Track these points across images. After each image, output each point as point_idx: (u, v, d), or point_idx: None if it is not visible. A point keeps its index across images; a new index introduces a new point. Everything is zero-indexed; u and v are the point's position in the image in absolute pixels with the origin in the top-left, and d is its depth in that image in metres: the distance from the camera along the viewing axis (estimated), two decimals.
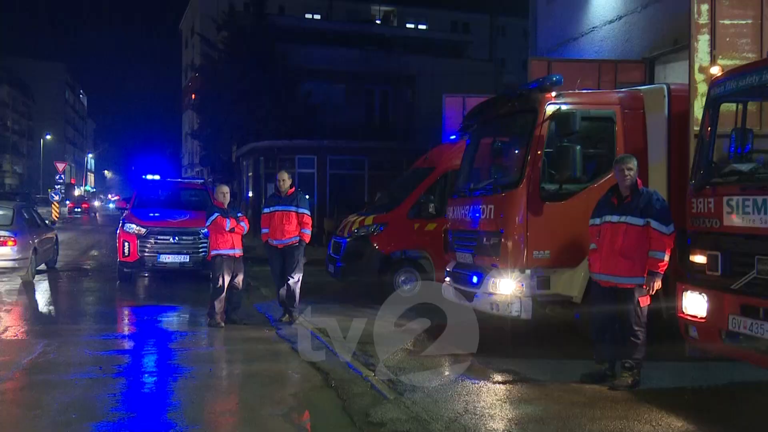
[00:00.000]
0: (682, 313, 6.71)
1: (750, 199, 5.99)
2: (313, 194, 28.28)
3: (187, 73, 65.42)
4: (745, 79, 6.48)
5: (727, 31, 7.76)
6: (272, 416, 6.35)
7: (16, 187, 69.37)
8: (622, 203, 7.06)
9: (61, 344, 9.20)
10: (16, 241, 14.73)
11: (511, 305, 8.32)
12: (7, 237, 14.62)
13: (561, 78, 8.49)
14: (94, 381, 7.46)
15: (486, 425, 5.94)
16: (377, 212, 13.43)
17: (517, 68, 47.96)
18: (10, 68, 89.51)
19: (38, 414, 6.25)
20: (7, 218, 15.34)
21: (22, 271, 15.00)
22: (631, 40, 14.85)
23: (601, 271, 7.15)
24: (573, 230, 8.17)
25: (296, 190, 10.93)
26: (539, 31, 19.18)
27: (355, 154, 29.92)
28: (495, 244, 8.58)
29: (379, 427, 5.89)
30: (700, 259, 6.57)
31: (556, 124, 8.32)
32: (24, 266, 14.95)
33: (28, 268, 15.10)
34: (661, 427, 5.90)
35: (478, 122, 10.13)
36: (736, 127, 6.82)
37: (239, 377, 8.13)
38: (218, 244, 10.36)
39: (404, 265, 12.79)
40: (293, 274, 10.56)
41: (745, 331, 5.94)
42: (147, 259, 14.80)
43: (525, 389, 7.07)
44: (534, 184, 8.35)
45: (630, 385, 6.96)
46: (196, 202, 16.51)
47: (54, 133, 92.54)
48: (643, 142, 8.58)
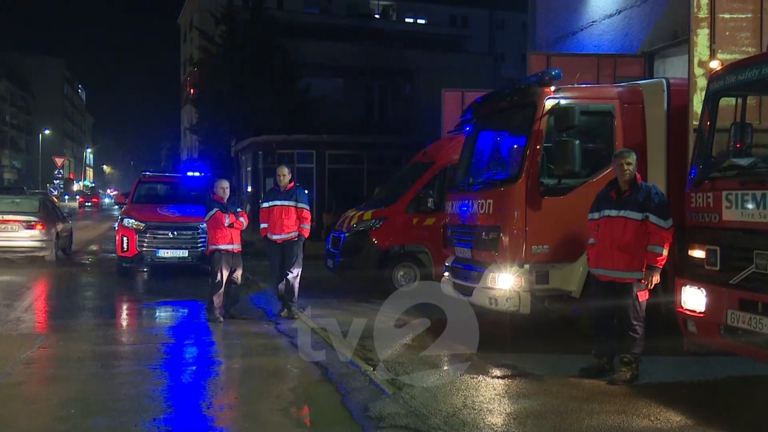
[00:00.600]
0: (681, 308, 6.70)
1: (749, 193, 5.98)
2: (312, 189, 28.24)
3: (186, 68, 65.27)
4: (744, 73, 6.46)
5: (726, 24, 7.73)
6: (271, 410, 6.35)
7: (14, 182, 69.36)
8: (621, 198, 7.05)
9: (59, 339, 9.21)
10: (43, 226, 17.36)
11: (510, 300, 8.32)
12: (36, 221, 17.30)
13: (560, 72, 8.48)
14: (93, 376, 7.46)
15: (484, 420, 5.94)
16: (376, 207, 13.43)
17: (517, 62, 47.99)
18: (9, 63, 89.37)
19: (37, 408, 6.25)
20: (35, 207, 18.05)
21: (47, 251, 17.48)
22: (630, 35, 14.82)
23: (599, 266, 7.15)
24: (572, 225, 8.17)
25: (295, 185, 10.91)
26: (538, 25, 19.14)
27: (354, 148, 29.87)
28: (494, 238, 8.58)
29: (378, 422, 5.88)
30: (699, 254, 6.56)
31: (555, 118, 8.31)
32: (49, 247, 17.52)
33: (52, 249, 17.63)
34: (659, 421, 5.91)
35: (477, 117, 10.12)
36: (736, 121, 6.80)
37: (238, 372, 8.13)
38: (217, 239, 10.36)
39: (403, 259, 12.80)
40: (292, 268, 10.54)
41: (744, 325, 5.93)
42: (146, 253, 14.82)
43: (523, 384, 7.07)
44: (533, 179, 8.34)
45: (628, 379, 6.96)
46: (195, 196, 16.50)
47: (52, 127, 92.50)
48: (642, 137, 8.57)
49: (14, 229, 17.07)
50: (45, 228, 17.38)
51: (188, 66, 59.19)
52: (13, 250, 17.23)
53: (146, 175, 19.81)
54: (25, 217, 17.28)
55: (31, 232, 17.18)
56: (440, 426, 5.75)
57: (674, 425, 5.83)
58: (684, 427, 5.78)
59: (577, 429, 5.74)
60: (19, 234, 17.11)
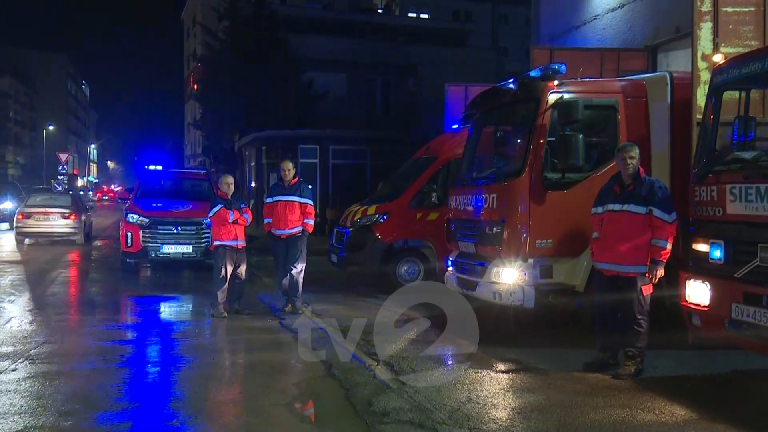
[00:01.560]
0: (685, 302, 6.70)
1: (753, 187, 5.97)
2: (316, 184, 28.25)
3: (189, 63, 65.38)
4: (747, 66, 6.45)
5: (729, 18, 7.71)
6: (275, 405, 6.36)
7: (18, 179, 69.48)
8: (625, 191, 7.04)
9: (64, 334, 9.23)
10: (75, 216, 22.89)
11: (514, 294, 8.32)
12: (71, 212, 22.89)
13: (563, 66, 8.46)
14: (97, 371, 7.49)
15: (489, 414, 5.95)
16: (380, 202, 13.42)
17: (520, 57, 47.82)
18: (12, 59, 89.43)
19: (42, 404, 6.27)
20: (68, 202, 23.73)
21: (78, 236, 22.88)
22: (634, 28, 14.80)
23: (603, 260, 7.14)
24: (575, 219, 8.15)
25: (299, 180, 10.90)
26: (542, 19, 19.12)
27: (357, 143, 29.85)
28: (497, 233, 8.58)
29: (382, 417, 5.89)
30: (703, 248, 6.55)
31: (559, 112, 8.29)
32: (79, 233, 22.96)
33: (81, 234, 23.04)
34: (664, 415, 5.91)
35: (481, 111, 10.11)
36: (739, 114, 6.79)
37: (242, 367, 8.15)
38: (221, 235, 10.36)
39: (407, 254, 12.80)
40: (296, 264, 10.55)
41: (748, 319, 5.93)
42: (150, 249, 14.81)
43: (528, 378, 7.08)
44: (536, 173, 8.33)
45: (633, 373, 6.96)
46: (198, 192, 16.52)
47: (56, 123, 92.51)
48: (645, 131, 8.55)
49: (54, 219, 22.56)
50: (76, 218, 22.89)
51: (192, 61, 59.36)
52: (54, 234, 22.71)
53: (150, 170, 19.82)
54: (61, 209, 22.77)
55: (66, 221, 22.66)
56: (445, 420, 5.75)
57: (679, 419, 5.82)
58: (689, 421, 5.78)
59: (582, 423, 5.74)
60: (57, 222, 22.60)
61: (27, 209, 22.81)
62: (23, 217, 22.51)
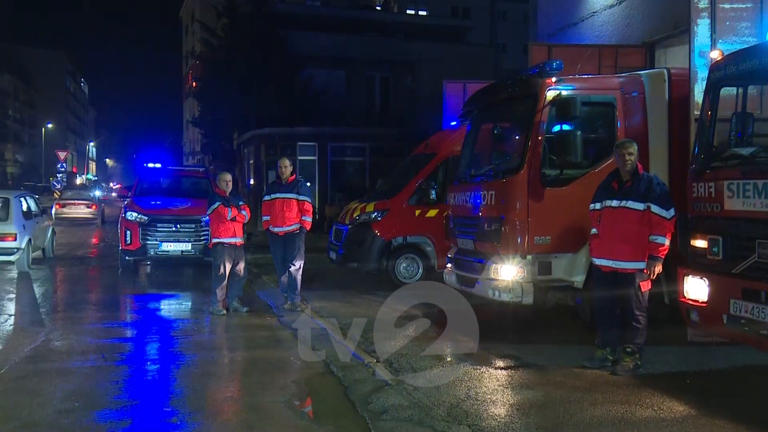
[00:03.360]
0: (684, 298, 6.72)
1: (750, 182, 5.98)
2: (314, 181, 28.23)
3: (188, 61, 65.30)
4: (745, 62, 6.46)
5: (726, 14, 7.70)
6: (274, 403, 6.37)
7: (17, 176, 69.45)
8: (623, 188, 7.04)
9: (63, 332, 9.24)
10: (96, 206, 33.38)
11: (513, 291, 8.33)
12: (92, 203, 33.55)
13: (561, 63, 8.47)
14: (96, 369, 7.49)
15: (488, 411, 5.96)
16: (378, 199, 13.42)
17: (518, 54, 47.79)
18: (11, 57, 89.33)
19: (41, 402, 6.27)
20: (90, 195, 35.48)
21: (97, 220, 32.43)
22: (632, 25, 14.77)
23: (602, 256, 7.15)
24: (574, 216, 8.15)
25: (297, 178, 10.91)
26: (540, 16, 19.07)
27: (356, 140, 29.81)
28: (496, 230, 8.58)
29: (381, 414, 5.90)
30: (701, 244, 6.56)
31: (557, 109, 8.29)
32: (98, 218, 32.85)
33: (99, 219, 32.81)
34: (662, 411, 5.92)
35: (479, 108, 10.11)
36: (737, 111, 6.79)
37: (241, 364, 8.16)
38: (219, 232, 10.37)
39: (406, 251, 12.81)
40: (294, 261, 10.56)
41: (747, 314, 5.95)
42: (149, 246, 14.79)
43: (526, 374, 7.09)
44: (535, 170, 8.33)
45: (631, 369, 6.97)
46: (197, 189, 16.51)
47: (55, 121, 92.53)
48: (643, 127, 8.56)
49: (81, 208, 32.69)
50: (96, 207, 33.34)
51: (190, 59, 59.23)
52: (80, 219, 32.18)
53: (148, 168, 19.78)
54: (85, 201, 33.60)
55: (89, 209, 32.89)
56: (443, 417, 5.76)
57: (678, 415, 5.84)
58: (687, 417, 5.79)
59: (581, 419, 5.75)
60: (83, 210, 32.70)
61: (62, 201, 32.90)
62: (60, 206, 31.59)
